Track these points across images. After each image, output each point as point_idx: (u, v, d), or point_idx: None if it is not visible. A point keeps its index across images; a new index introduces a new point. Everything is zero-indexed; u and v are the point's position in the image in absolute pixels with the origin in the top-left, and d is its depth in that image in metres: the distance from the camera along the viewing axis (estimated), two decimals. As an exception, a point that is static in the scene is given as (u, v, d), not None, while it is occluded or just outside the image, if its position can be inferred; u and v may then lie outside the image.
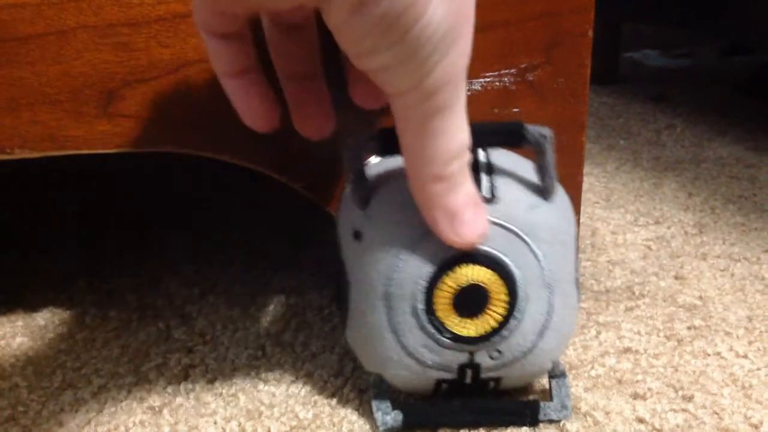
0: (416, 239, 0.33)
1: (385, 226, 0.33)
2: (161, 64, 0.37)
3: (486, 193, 0.33)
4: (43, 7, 0.36)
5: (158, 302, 0.49)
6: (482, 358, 0.34)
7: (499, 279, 0.33)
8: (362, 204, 0.34)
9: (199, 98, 0.38)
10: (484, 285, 0.33)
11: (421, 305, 0.33)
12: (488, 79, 0.40)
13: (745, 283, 0.51)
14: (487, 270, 0.33)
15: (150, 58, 0.37)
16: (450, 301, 0.33)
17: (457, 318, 0.33)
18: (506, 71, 0.40)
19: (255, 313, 0.47)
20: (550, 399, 0.37)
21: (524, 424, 0.36)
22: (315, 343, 0.44)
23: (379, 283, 0.33)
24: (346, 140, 0.34)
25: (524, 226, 0.33)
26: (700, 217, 0.63)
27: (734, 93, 1.06)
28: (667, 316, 0.46)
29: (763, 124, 0.90)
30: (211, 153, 0.39)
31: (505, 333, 0.34)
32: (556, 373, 0.37)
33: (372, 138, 0.34)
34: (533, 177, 0.35)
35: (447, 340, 0.33)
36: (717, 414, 0.37)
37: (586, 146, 0.43)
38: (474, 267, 0.32)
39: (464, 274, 0.32)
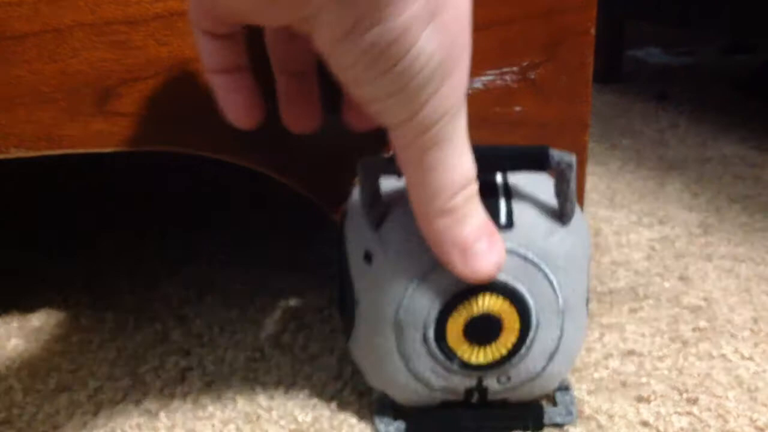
0: (430, 267, 0.32)
1: (399, 252, 0.32)
2: (159, 63, 0.37)
3: (503, 219, 0.32)
4: (40, 5, 0.36)
5: (155, 304, 0.49)
6: (490, 383, 0.34)
7: (513, 308, 0.32)
8: (375, 225, 0.33)
9: (198, 97, 0.38)
10: (498, 314, 0.32)
11: (432, 334, 0.32)
12: (490, 78, 0.40)
13: (751, 284, 0.51)
14: (502, 299, 0.32)
15: (147, 56, 0.37)
16: (462, 330, 0.32)
17: (468, 346, 0.33)
18: (508, 69, 0.40)
19: (253, 315, 0.47)
20: (555, 404, 0.37)
21: (528, 429, 0.36)
22: (314, 345, 0.43)
23: (390, 310, 0.33)
24: (361, 159, 0.33)
25: (541, 253, 0.32)
26: (705, 217, 0.63)
27: (736, 92, 1.06)
28: (672, 318, 0.46)
29: (766, 123, 0.90)
30: (210, 153, 0.39)
31: (516, 360, 0.33)
32: (561, 387, 0.37)
33: (388, 158, 0.33)
34: (551, 197, 0.34)
35: (456, 367, 0.33)
36: (722, 417, 0.36)
37: (589, 145, 0.42)
38: (488, 296, 0.32)
39: (478, 304, 0.32)
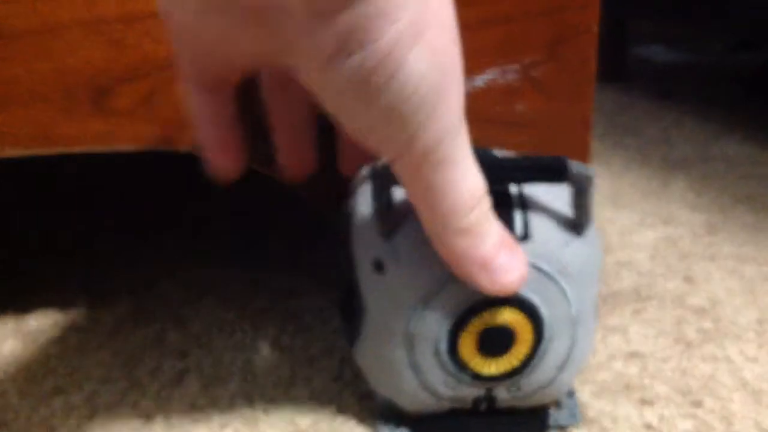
0: (444, 280, 0.31)
1: (411, 264, 0.32)
2: (155, 61, 0.37)
3: (519, 231, 0.32)
4: (36, 3, 0.35)
5: (152, 305, 0.49)
6: (499, 392, 0.34)
7: (527, 319, 0.32)
8: (386, 234, 0.32)
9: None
10: (511, 327, 0.32)
11: (445, 347, 0.32)
12: (491, 76, 0.40)
13: (756, 285, 0.50)
14: (516, 311, 0.32)
15: (144, 55, 0.37)
16: (475, 343, 0.32)
17: (480, 358, 0.32)
18: (510, 68, 0.40)
19: (252, 316, 0.47)
20: (559, 406, 0.37)
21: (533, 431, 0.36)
22: (314, 347, 0.43)
23: (401, 321, 0.32)
24: (374, 166, 0.33)
25: (555, 265, 0.32)
26: (709, 217, 0.63)
27: (739, 90, 1.06)
28: (676, 319, 0.46)
29: (772, 122, 0.90)
30: (207, 152, 0.39)
31: (527, 371, 0.33)
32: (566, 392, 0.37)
33: None
34: (566, 207, 0.33)
35: (467, 378, 0.33)
36: (727, 419, 0.36)
37: (592, 144, 0.42)
38: (503, 310, 0.31)
39: (492, 317, 0.31)
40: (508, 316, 0.31)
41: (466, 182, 0.28)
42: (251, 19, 0.24)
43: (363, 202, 0.34)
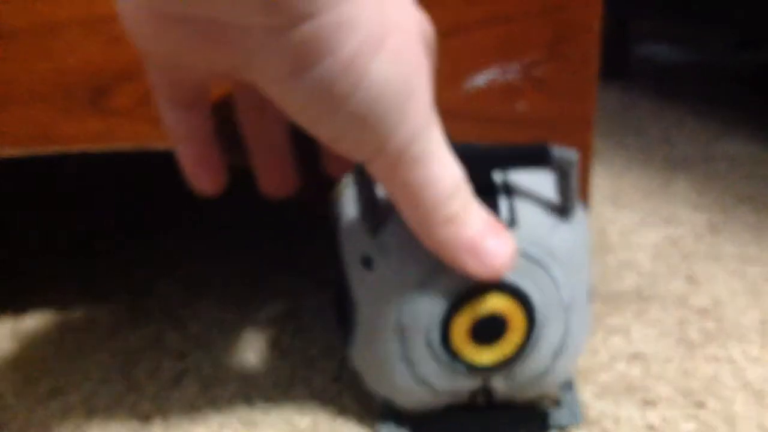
0: (432, 271, 0.31)
1: (399, 257, 0.32)
2: (153, 60, 0.37)
3: (506, 218, 0.32)
4: (35, 2, 0.35)
5: (150, 305, 0.49)
6: (496, 383, 0.34)
7: (518, 306, 0.32)
8: (373, 231, 0.33)
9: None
10: (503, 314, 0.32)
11: (437, 336, 0.32)
12: (492, 75, 0.40)
13: (759, 285, 0.50)
14: (506, 298, 0.32)
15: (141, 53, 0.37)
16: (467, 331, 0.32)
17: (473, 347, 0.32)
18: (510, 66, 0.40)
19: (250, 317, 0.47)
20: (560, 406, 0.37)
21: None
22: (313, 348, 0.43)
23: (392, 314, 0.32)
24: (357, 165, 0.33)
25: (544, 250, 0.32)
26: (712, 217, 0.63)
27: (741, 89, 1.07)
28: (678, 320, 0.46)
29: (775, 122, 0.90)
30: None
31: (521, 359, 0.33)
32: (565, 384, 0.37)
33: None
34: (551, 194, 0.34)
35: (461, 368, 0.33)
36: (729, 420, 0.36)
37: (594, 143, 0.42)
38: (493, 296, 0.31)
39: (483, 305, 0.31)
40: (499, 303, 0.32)
41: (443, 174, 0.28)
42: (207, 35, 0.24)
43: (349, 203, 0.34)
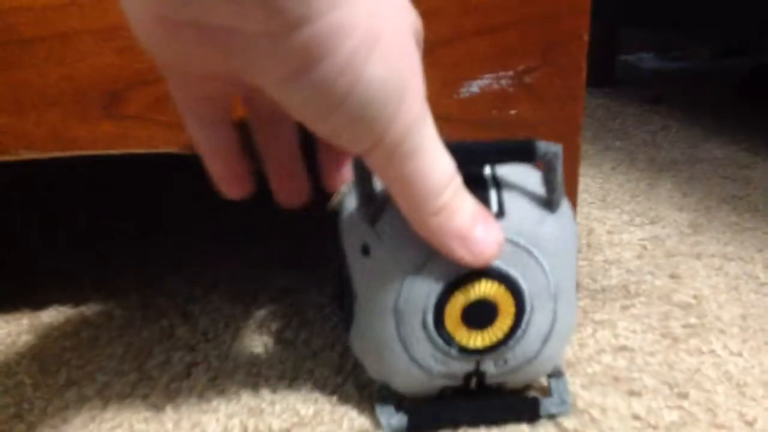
0: (427, 257, 0.33)
1: (395, 244, 0.33)
2: (164, 67, 0.38)
3: (494, 208, 0.33)
4: (47, 11, 0.36)
5: (161, 301, 0.49)
6: (488, 367, 0.35)
7: (508, 293, 0.33)
8: (371, 220, 0.34)
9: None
10: (493, 299, 0.33)
11: (431, 319, 0.33)
12: (486, 82, 0.40)
13: (740, 282, 0.51)
14: (497, 284, 0.33)
15: (153, 61, 0.37)
16: (459, 315, 0.33)
17: (466, 331, 0.34)
18: (503, 74, 0.40)
19: (256, 312, 0.47)
20: (550, 395, 0.37)
21: (526, 420, 0.36)
22: (316, 341, 0.44)
23: (389, 299, 0.34)
24: (355, 158, 0.34)
25: (532, 240, 0.33)
26: (695, 217, 0.63)
27: (730, 95, 1.06)
28: (663, 315, 0.47)
29: (757, 126, 0.91)
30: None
31: (512, 343, 0.34)
32: (554, 372, 0.38)
33: None
34: (539, 187, 0.35)
35: (454, 352, 0.34)
36: (712, 411, 0.37)
37: (583, 147, 0.43)
38: (484, 283, 0.33)
39: (474, 290, 0.33)
40: (489, 289, 0.33)
41: (437, 166, 0.29)
42: (210, 40, 0.24)
43: (349, 201, 0.36)
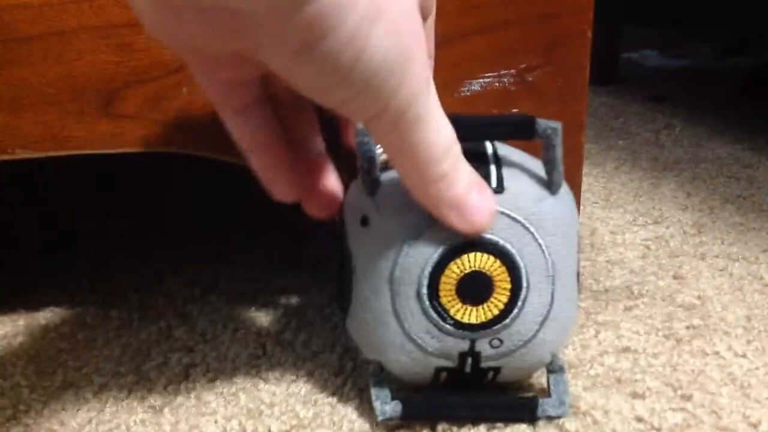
0: (424, 225, 0.33)
1: (393, 212, 0.34)
2: (162, 65, 0.38)
3: (494, 184, 0.34)
4: (45, 9, 0.36)
5: (159, 302, 0.49)
6: (483, 347, 0.35)
7: (504, 267, 0.33)
8: (371, 190, 0.35)
9: (200, 99, 0.38)
10: (489, 273, 0.33)
11: (426, 290, 0.33)
12: (488, 80, 0.40)
13: (744, 283, 0.51)
14: (492, 258, 0.33)
15: (151, 59, 0.37)
16: (454, 288, 0.33)
17: (461, 304, 0.34)
18: (505, 72, 0.40)
19: (255, 313, 0.47)
20: (549, 395, 0.37)
21: (523, 420, 0.36)
22: (315, 342, 0.44)
23: (385, 268, 0.34)
24: (358, 128, 0.34)
25: (530, 217, 0.34)
26: (699, 217, 0.63)
27: (733, 93, 1.07)
28: (666, 316, 0.46)
29: (761, 125, 0.91)
30: (212, 154, 0.39)
31: (507, 321, 0.34)
32: (554, 368, 0.37)
33: None
34: (540, 171, 0.35)
35: (449, 327, 0.34)
36: (716, 413, 0.37)
37: (585, 146, 0.43)
38: (479, 254, 0.33)
39: (469, 261, 0.33)
40: (485, 262, 0.33)
41: (439, 135, 0.30)
42: (215, 21, 0.25)
43: (353, 187, 0.36)
